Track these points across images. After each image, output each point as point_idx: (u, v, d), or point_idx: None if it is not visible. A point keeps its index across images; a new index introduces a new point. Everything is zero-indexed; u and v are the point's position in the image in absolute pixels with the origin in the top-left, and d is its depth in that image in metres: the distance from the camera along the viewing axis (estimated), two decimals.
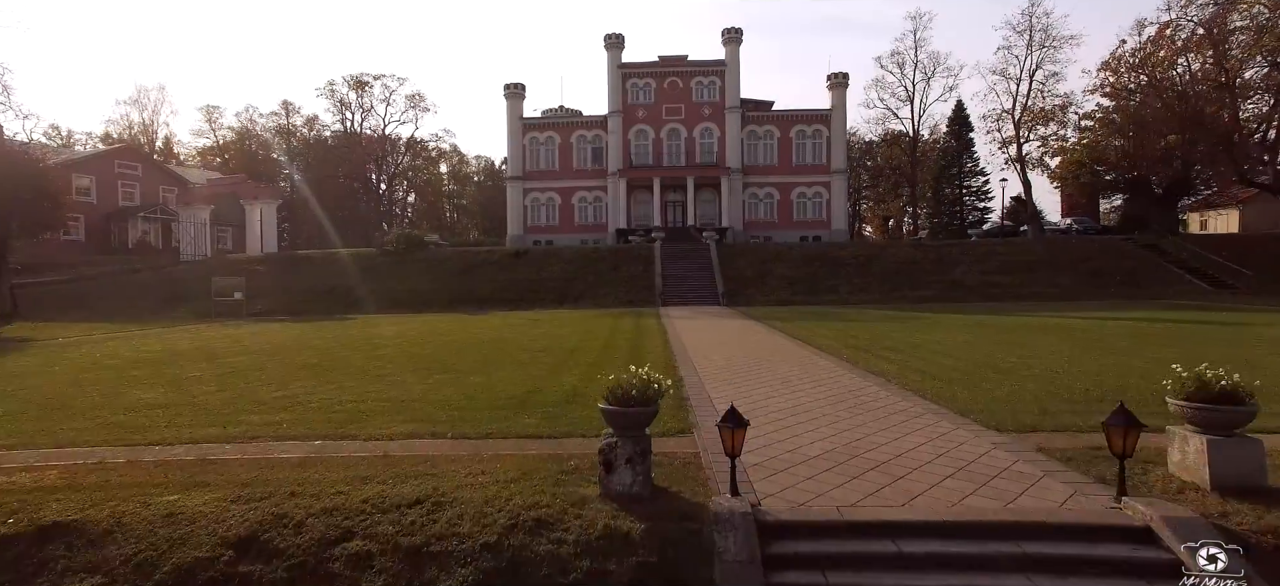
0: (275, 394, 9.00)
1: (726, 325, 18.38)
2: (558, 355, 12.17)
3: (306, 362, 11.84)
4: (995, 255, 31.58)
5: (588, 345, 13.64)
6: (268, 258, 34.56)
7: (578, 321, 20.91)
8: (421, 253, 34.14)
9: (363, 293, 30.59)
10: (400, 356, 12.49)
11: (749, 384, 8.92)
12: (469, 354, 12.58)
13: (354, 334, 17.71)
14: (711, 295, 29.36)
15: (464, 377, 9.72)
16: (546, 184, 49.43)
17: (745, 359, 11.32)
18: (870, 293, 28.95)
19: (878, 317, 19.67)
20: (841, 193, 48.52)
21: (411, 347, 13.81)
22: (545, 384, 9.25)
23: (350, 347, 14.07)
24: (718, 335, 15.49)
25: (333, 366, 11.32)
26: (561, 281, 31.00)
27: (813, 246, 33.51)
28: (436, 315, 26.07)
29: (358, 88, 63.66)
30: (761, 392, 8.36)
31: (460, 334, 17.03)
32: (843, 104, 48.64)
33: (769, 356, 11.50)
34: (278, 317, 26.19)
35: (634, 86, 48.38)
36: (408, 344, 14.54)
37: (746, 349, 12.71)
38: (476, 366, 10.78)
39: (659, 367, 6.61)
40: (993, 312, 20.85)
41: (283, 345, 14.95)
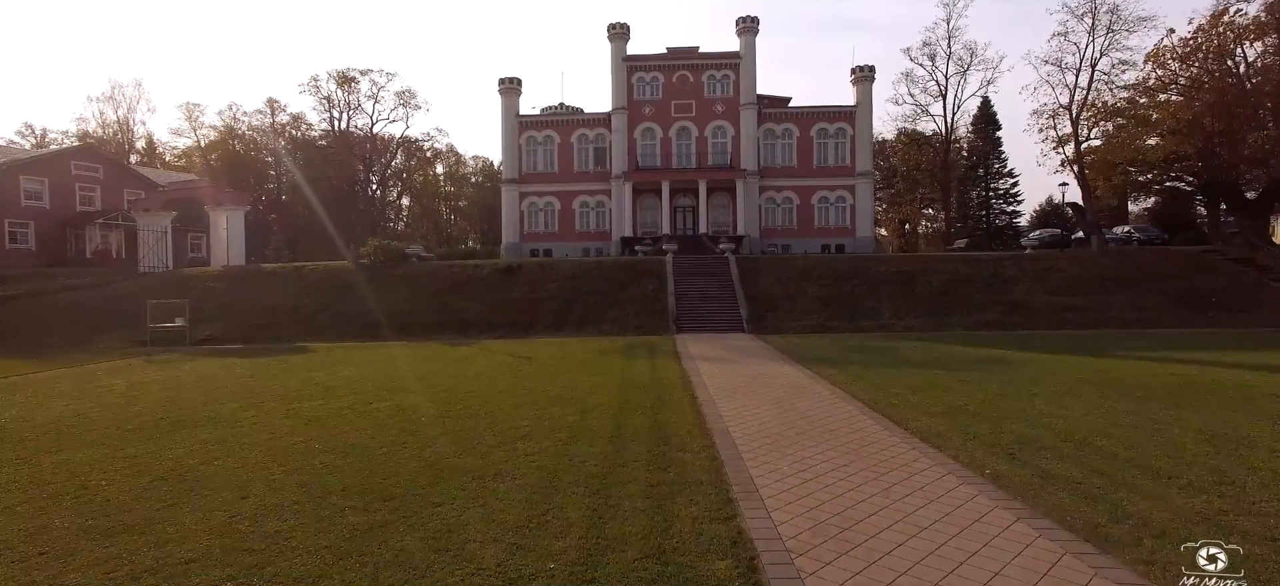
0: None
1: (767, 373, 14.33)
2: (551, 442, 8.20)
3: (157, 464, 7.81)
4: (1057, 271, 27.47)
5: (592, 418, 9.64)
6: (228, 272, 30.59)
7: (578, 362, 16.90)
8: (402, 267, 30.13)
9: (331, 314, 26.62)
10: (324, 444, 8.51)
11: (870, 546, 4.93)
12: (424, 441, 8.60)
13: (292, 385, 13.72)
14: (733, 318, 25.33)
15: (402, 517, 5.72)
16: (545, 187, 45.47)
17: (820, 458, 7.34)
18: (917, 316, 24.90)
19: (957, 361, 15.59)
20: (867, 197, 44.52)
21: (348, 422, 9.83)
22: (532, 542, 5.22)
23: (262, 422, 10.10)
24: (762, 396, 11.48)
25: (193, 474, 7.28)
26: (560, 302, 26.98)
27: (845, 260, 29.47)
28: (411, 345, 22.11)
29: (344, 84, 59.78)
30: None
31: (427, 387, 13.02)
32: (868, 100, 44.62)
33: (853, 453, 7.53)
34: (222, 348, 22.24)
35: (640, 81, 44.38)
36: (348, 410, 10.55)
37: (812, 432, 8.72)
38: (429, 471, 6.80)
39: (700, 480, 2.55)
40: (1100, 353, 16.77)
41: (168, 409, 10.94)
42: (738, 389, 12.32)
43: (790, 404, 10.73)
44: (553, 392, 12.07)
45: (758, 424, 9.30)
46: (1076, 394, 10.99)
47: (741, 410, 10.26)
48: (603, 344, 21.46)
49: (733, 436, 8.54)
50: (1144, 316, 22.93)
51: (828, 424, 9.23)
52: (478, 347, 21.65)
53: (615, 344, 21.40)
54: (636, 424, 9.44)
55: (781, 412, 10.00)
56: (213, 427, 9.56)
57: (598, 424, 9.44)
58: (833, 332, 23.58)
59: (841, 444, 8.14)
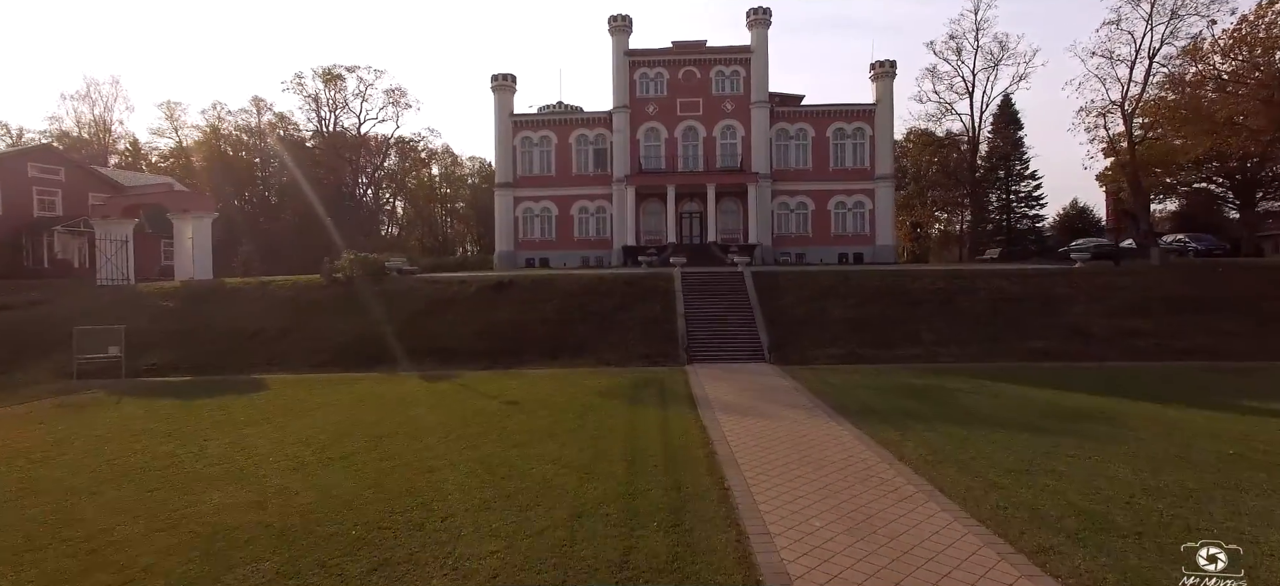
0: None
1: (809, 438, 11.28)
2: (529, 554, 5.18)
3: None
4: (1116, 289, 24.35)
5: (586, 547, 6.58)
6: (188, 288, 27.51)
7: (576, 412, 13.89)
8: (379, 284, 27.05)
9: (297, 339, 23.55)
10: (222, 541, 5.49)
11: None
12: (359, 545, 5.56)
13: (211, 454, 10.69)
14: (751, 345, 22.25)
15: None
16: (541, 192, 42.44)
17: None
18: (963, 343, 21.80)
19: (1041, 414, 12.47)
20: (887, 202, 41.48)
21: (274, 506, 6.79)
22: None
23: (155, 509, 7.06)
24: (812, 484, 8.46)
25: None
26: (555, 324, 23.89)
27: (875, 275, 26.37)
28: (382, 380, 19.08)
29: (329, 81, 56.59)
30: None
31: (373, 460, 9.96)
32: (889, 98, 41.57)
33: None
34: (165, 382, 19.20)
35: (643, 78, 41.34)
36: (252, 517, 7.51)
37: (916, 577, 5.71)
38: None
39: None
40: (1219, 401, 13.65)
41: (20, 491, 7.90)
42: (778, 467, 9.26)
43: (854, 502, 7.68)
44: (538, 476, 9.00)
45: (824, 551, 6.25)
46: (1262, 486, 7.88)
47: (793, 515, 7.23)
48: (604, 379, 18.41)
49: (768, 526, 5.47)
50: (1235, 346, 19.81)
51: (927, 551, 6.18)
52: (458, 383, 18.60)
53: (619, 380, 18.34)
54: (652, 546, 6.41)
55: (849, 525, 6.93)
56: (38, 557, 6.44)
57: (597, 550, 6.38)
58: (867, 363, 20.49)
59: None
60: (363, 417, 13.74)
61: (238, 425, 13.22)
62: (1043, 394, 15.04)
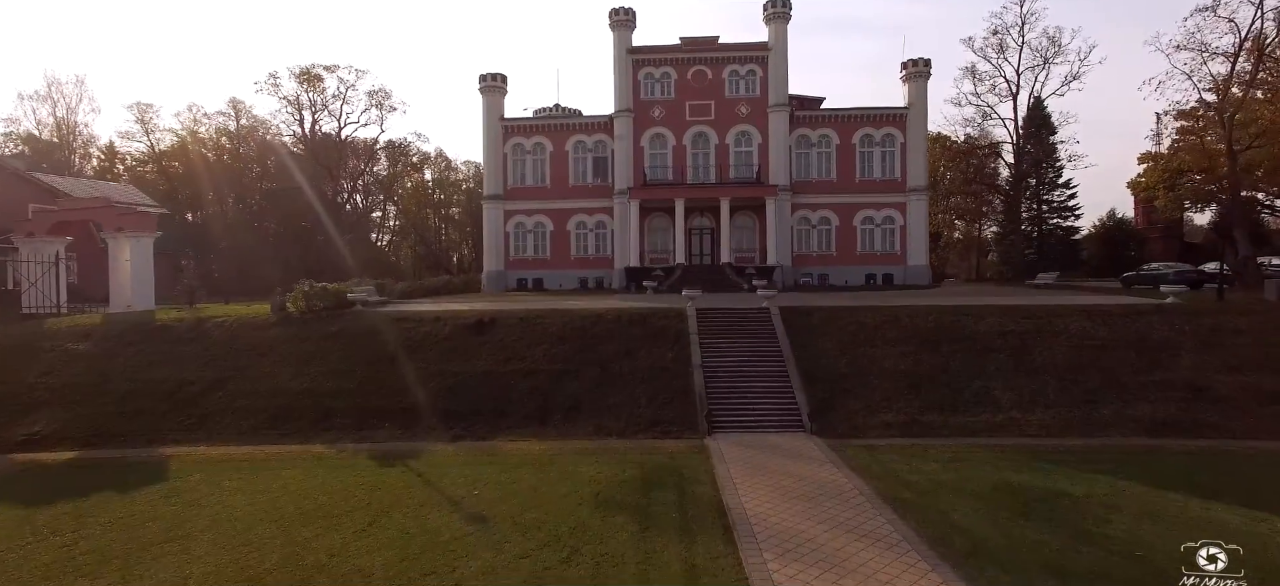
0: None
1: None
2: None
3: None
4: (1232, 332, 19.93)
5: None
6: (109, 325, 23.16)
7: (561, 534, 9.83)
8: (338, 321, 22.77)
9: (229, 395, 19.26)
10: None
11: None
12: None
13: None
14: (786, 408, 17.95)
15: None
16: (534, 205, 38.20)
17: None
18: (1050, 406, 17.49)
19: (1258, 562, 8.15)
20: (921, 217, 37.21)
21: None
22: None
23: None
24: None
25: None
26: (544, 378, 19.59)
27: (928, 313, 22.07)
28: (320, 462, 14.92)
29: (307, 81, 52.25)
30: None
31: None
32: (923, 101, 37.31)
33: None
34: (34, 461, 14.91)
35: (648, 78, 37.08)
36: None
37: None
38: None
39: None
40: None
41: None
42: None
43: None
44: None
45: None
46: None
47: None
48: (603, 466, 14.19)
49: None
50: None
51: None
52: (415, 471, 14.32)
53: (623, 467, 14.11)
54: None
55: None
56: None
57: None
58: (935, 436, 16.24)
59: None
60: (265, 545, 9.51)
61: (110, 549, 9.04)
62: (1220, 512, 10.71)
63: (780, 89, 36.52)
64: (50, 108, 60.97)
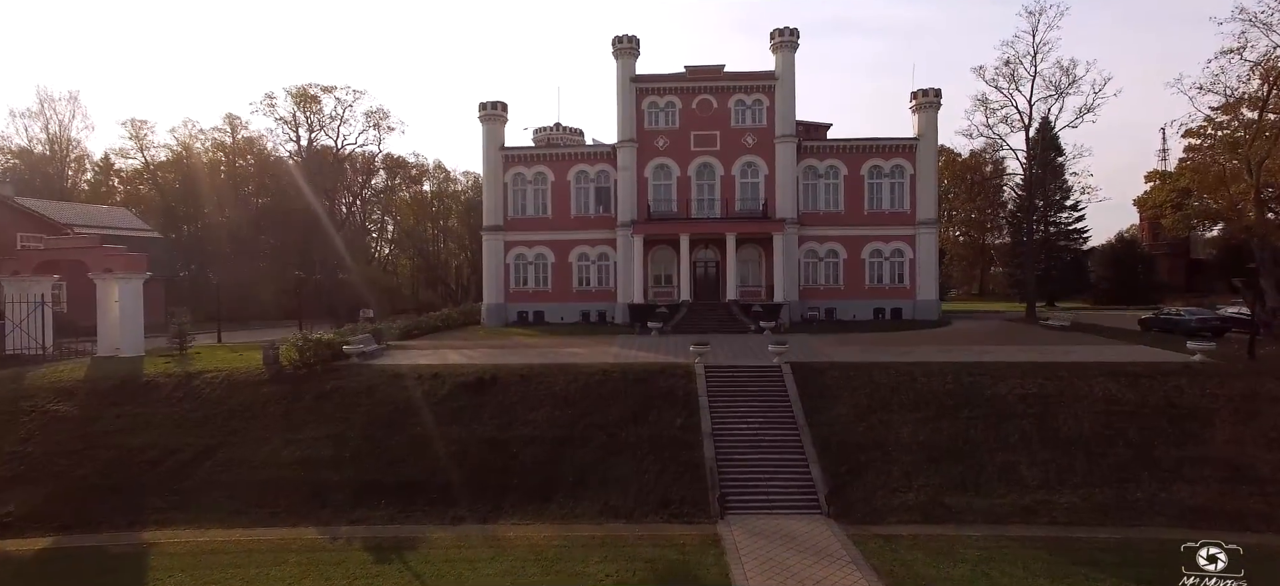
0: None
1: None
2: None
3: None
4: (1269, 400, 19.01)
5: None
6: (87, 383, 22.07)
7: None
8: (332, 379, 21.88)
9: (217, 466, 18.40)
10: None
11: None
12: None
13: None
14: (801, 485, 17.16)
15: None
16: (535, 236, 37.41)
17: None
18: (1078, 487, 16.71)
19: None
20: (930, 250, 36.44)
21: None
22: None
23: None
24: None
25: None
26: (547, 446, 18.76)
27: (944, 373, 21.23)
28: (309, 553, 14.15)
29: (303, 102, 51.32)
30: None
31: None
32: (933, 132, 36.61)
33: None
34: None
35: (652, 107, 36.32)
36: None
37: None
38: None
39: None
40: None
41: None
42: None
43: None
44: None
45: None
46: None
47: None
48: (612, 566, 13.36)
49: None
50: None
51: None
52: (409, 568, 13.50)
53: (632, 567, 13.30)
54: None
55: None
56: None
57: None
58: (962, 523, 15.42)
59: None
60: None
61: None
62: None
63: (787, 119, 35.70)
64: (42, 123, 59.90)
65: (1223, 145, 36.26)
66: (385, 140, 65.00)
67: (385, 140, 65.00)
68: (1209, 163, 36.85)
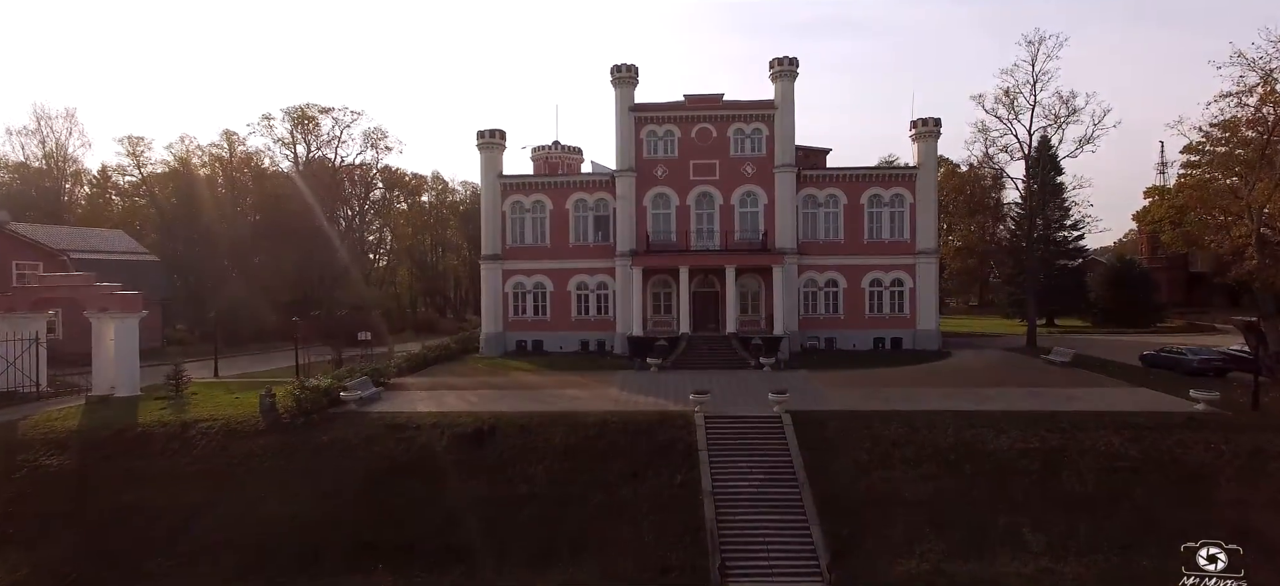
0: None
1: None
2: None
3: None
4: (1275, 456, 18.90)
5: None
6: (80, 435, 21.77)
7: None
8: (329, 429, 21.71)
9: (206, 529, 18.22)
10: None
11: None
12: None
13: None
14: (800, 547, 17.09)
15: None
16: (534, 265, 37.30)
17: None
18: (1081, 552, 16.60)
19: None
20: (931, 280, 36.40)
21: None
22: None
23: None
24: None
25: None
26: (546, 504, 18.62)
27: (944, 426, 21.11)
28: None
29: (301, 123, 51.07)
30: None
31: None
32: (932, 160, 36.63)
33: None
34: None
35: (651, 136, 36.23)
36: None
37: None
38: None
39: None
40: None
41: None
42: None
43: None
44: None
45: None
46: None
47: None
48: None
49: None
50: None
51: None
52: None
53: None
54: None
55: None
56: None
57: None
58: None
59: None
60: None
61: None
62: None
63: (787, 148, 35.58)
64: (39, 140, 59.59)
65: (1220, 162, 36.24)
66: (383, 159, 64.47)
67: (383, 159, 64.47)
68: (1208, 180, 36.80)
